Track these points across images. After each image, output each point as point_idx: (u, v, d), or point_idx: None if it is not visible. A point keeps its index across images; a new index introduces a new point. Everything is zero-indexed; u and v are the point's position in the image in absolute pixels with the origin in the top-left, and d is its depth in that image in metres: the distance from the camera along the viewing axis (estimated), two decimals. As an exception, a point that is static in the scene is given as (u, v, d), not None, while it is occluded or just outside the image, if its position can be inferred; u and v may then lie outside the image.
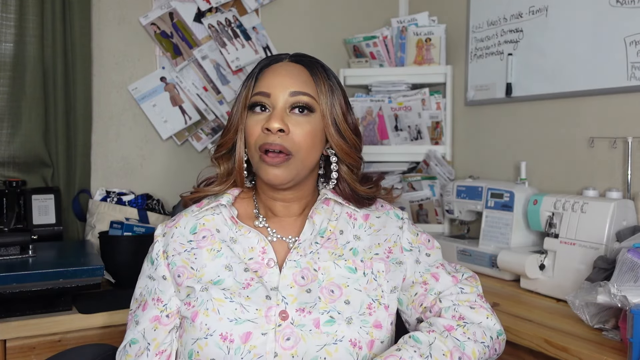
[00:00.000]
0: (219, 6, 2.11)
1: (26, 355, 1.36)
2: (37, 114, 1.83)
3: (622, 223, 1.43)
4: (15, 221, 1.73)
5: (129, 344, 1.03)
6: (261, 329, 0.95)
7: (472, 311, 1.04)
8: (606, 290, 1.15)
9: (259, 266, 1.01)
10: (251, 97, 1.04)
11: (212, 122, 2.13)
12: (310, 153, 1.03)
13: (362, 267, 1.04)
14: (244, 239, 1.04)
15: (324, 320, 0.97)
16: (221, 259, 1.02)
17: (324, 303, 0.98)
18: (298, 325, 0.96)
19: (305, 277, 1.00)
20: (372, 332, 0.99)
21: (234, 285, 0.99)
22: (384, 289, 1.04)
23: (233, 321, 0.95)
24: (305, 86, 1.03)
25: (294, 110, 1.02)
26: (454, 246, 1.87)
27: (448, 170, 2.10)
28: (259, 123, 1.01)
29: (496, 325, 1.04)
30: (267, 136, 1.00)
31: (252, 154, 1.03)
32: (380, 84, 2.18)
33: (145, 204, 1.91)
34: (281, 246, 1.05)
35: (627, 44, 1.55)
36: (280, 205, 1.08)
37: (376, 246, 1.08)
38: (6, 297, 1.33)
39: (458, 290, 1.07)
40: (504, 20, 1.93)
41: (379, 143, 2.20)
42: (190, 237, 1.05)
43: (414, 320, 1.08)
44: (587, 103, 1.68)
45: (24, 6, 1.81)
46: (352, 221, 1.10)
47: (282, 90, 1.02)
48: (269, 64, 1.07)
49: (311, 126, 1.02)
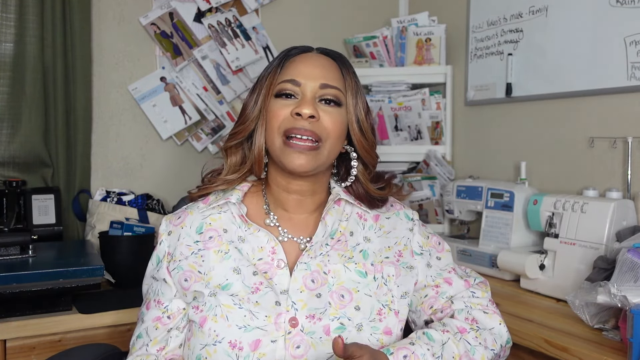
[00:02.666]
0: (219, 6, 2.11)
1: (26, 355, 1.36)
2: (37, 114, 1.83)
3: (622, 223, 1.43)
4: (15, 221, 1.73)
5: (136, 337, 1.04)
6: (271, 336, 0.93)
7: (486, 316, 1.04)
8: (606, 290, 1.15)
9: (268, 267, 0.99)
10: (278, 83, 1.02)
11: (212, 122, 2.13)
12: (336, 144, 1.02)
13: (372, 272, 1.02)
14: (253, 238, 1.02)
15: (334, 327, 0.96)
16: (229, 261, 1.00)
17: (334, 309, 0.97)
18: (308, 333, 0.94)
19: (315, 281, 0.98)
20: (382, 339, 0.98)
21: (243, 289, 0.97)
22: (394, 294, 1.02)
23: (242, 328, 0.94)
24: (335, 80, 1.02)
25: (322, 102, 1.01)
26: (454, 246, 1.87)
27: (448, 170, 2.10)
28: (286, 107, 0.99)
29: (507, 332, 1.06)
30: (295, 121, 0.98)
31: (274, 139, 1.00)
32: (380, 84, 2.18)
33: (145, 204, 1.91)
34: (292, 247, 1.03)
35: (627, 44, 1.55)
36: (293, 200, 1.05)
37: (386, 249, 1.06)
38: (6, 297, 1.33)
39: (470, 294, 1.07)
40: (504, 20, 1.93)
41: (379, 143, 2.20)
42: (197, 237, 1.03)
43: (422, 322, 1.08)
44: (587, 103, 1.68)
45: (24, 6, 1.81)
46: (362, 222, 1.08)
47: (313, 81, 1.00)
48: (296, 53, 1.05)
49: (339, 117, 1.02)
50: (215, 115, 2.13)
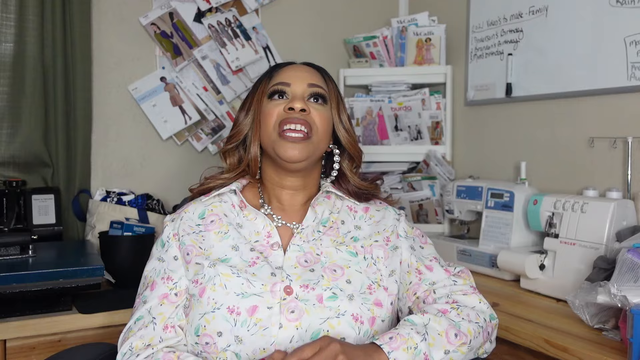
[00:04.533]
0: (219, 6, 2.11)
1: (26, 355, 1.35)
2: (37, 114, 1.83)
3: (622, 223, 1.43)
4: (15, 221, 1.73)
5: (134, 321, 1.03)
6: (267, 302, 0.99)
7: (465, 297, 1.09)
8: (606, 290, 1.15)
9: (264, 248, 1.07)
10: (270, 87, 1.14)
11: (212, 122, 2.13)
12: (324, 138, 1.13)
13: (362, 252, 1.10)
14: (250, 224, 1.10)
15: (327, 295, 1.01)
16: (228, 240, 1.08)
17: (326, 280, 1.03)
18: (302, 300, 1.00)
19: (309, 261, 1.06)
20: (373, 309, 1.03)
21: (241, 263, 1.04)
22: (382, 273, 1.09)
23: (240, 295, 0.99)
24: (320, 82, 1.16)
25: (310, 100, 1.13)
26: (454, 246, 1.86)
27: (448, 170, 2.10)
28: (279, 106, 1.11)
29: (489, 309, 1.09)
30: (288, 114, 1.09)
31: (269, 134, 1.10)
32: (380, 84, 2.18)
33: (145, 204, 1.91)
34: (285, 231, 1.11)
35: (627, 44, 1.55)
36: (287, 194, 1.15)
37: (376, 234, 1.14)
38: (6, 297, 1.33)
39: (452, 282, 1.11)
40: (504, 20, 1.93)
41: (379, 143, 2.20)
42: (199, 221, 1.11)
43: (407, 309, 1.11)
44: (587, 103, 1.68)
45: (24, 6, 1.81)
46: (352, 213, 1.17)
47: (301, 81, 1.13)
48: (283, 65, 1.19)
49: (326, 114, 1.13)
50: (215, 115, 2.13)
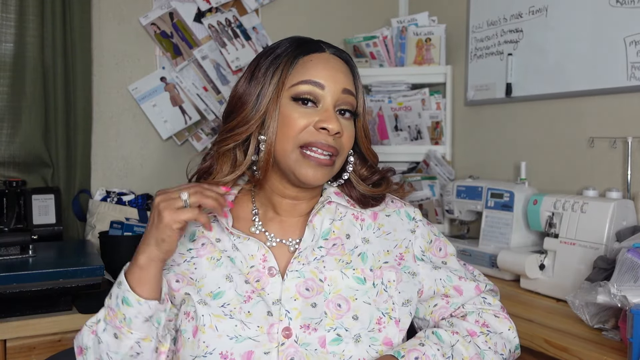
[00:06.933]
0: (219, 6, 2.11)
1: (26, 355, 1.36)
2: (37, 114, 1.83)
3: (622, 223, 1.43)
4: (15, 221, 1.73)
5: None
6: (263, 347, 0.89)
7: (497, 320, 1.03)
8: (606, 290, 1.15)
9: (260, 275, 0.95)
10: (295, 84, 0.95)
11: (212, 122, 2.13)
12: (345, 156, 1.00)
13: (371, 278, 0.97)
14: (244, 247, 0.97)
15: (331, 338, 0.91)
16: (221, 268, 0.96)
17: (330, 319, 0.92)
18: (302, 344, 0.90)
19: (310, 289, 0.94)
20: (382, 351, 0.93)
21: (235, 298, 0.92)
22: (395, 300, 0.97)
23: (233, 339, 0.89)
24: (352, 85, 0.99)
25: (339, 113, 0.97)
26: (454, 246, 1.86)
27: (448, 170, 2.10)
28: (307, 117, 0.94)
29: (516, 338, 1.04)
30: (319, 135, 0.93)
31: (287, 147, 0.94)
32: (380, 84, 2.18)
33: (145, 204, 1.91)
34: (282, 250, 0.99)
35: (627, 44, 1.55)
36: (287, 204, 1.01)
37: (385, 253, 1.00)
38: (6, 297, 1.33)
39: (481, 300, 1.06)
40: (504, 20, 1.93)
41: (379, 143, 2.20)
42: (189, 245, 0.99)
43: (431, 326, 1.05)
44: (587, 103, 1.68)
45: (24, 6, 1.81)
46: (359, 223, 1.03)
47: (335, 84, 0.96)
48: (309, 51, 0.98)
49: (353, 131, 1.00)
50: (215, 115, 2.13)
